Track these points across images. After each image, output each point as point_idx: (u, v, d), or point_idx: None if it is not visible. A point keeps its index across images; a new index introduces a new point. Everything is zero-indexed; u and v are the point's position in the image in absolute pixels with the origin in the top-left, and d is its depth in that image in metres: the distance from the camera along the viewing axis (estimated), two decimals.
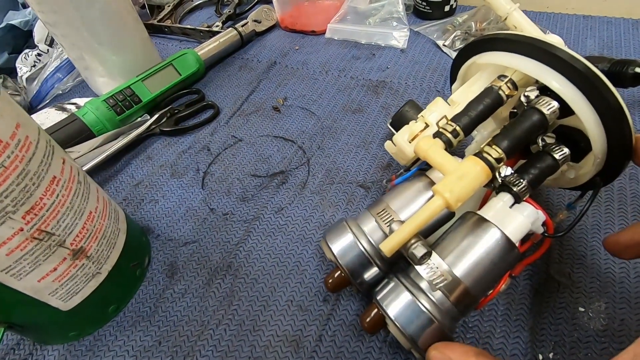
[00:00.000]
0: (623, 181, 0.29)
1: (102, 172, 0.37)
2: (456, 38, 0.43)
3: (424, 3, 0.48)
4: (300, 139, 0.37)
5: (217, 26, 0.53)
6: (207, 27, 0.53)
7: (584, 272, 0.25)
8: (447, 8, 0.48)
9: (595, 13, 0.45)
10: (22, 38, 0.50)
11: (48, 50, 0.48)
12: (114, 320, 0.26)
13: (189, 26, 0.54)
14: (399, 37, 0.45)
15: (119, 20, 0.41)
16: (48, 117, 0.40)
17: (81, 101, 0.42)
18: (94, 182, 0.25)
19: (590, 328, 0.22)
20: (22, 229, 0.19)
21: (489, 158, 0.19)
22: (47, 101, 0.47)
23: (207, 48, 0.46)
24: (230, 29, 0.49)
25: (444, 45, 0.44)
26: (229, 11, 0.55)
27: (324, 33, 0.50)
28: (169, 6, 0.59)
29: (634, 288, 0.23)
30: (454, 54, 0.42)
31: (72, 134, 0.36)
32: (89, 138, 0.37)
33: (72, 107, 0.42)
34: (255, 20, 0.52)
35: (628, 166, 0.30)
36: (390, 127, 0.31)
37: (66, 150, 0.36)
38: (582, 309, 0.23)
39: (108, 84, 0.43)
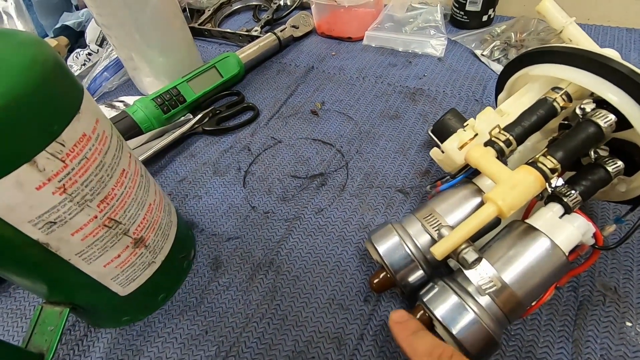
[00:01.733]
0: None
1: (148, 167, 0.38)
2: (495, 48, 0.43)
3: (462, 12, 0.48)
4: (339, 143, 0.38)
5: (255, 30, 0.55)
6: (246, 31, 0.54)
7: (630, 286, 0.24)
8: (484, 18, 0.48)
9: (638, 26, 0.45)
10: (74, 38, 0.53)
11: (98, 50, 0.51)
12: (163, 309, 0.28)
13: (228, 30, 0.55)
14: (436, 46, 0.46)
15: (167, 23, 0.43)
16: None
17: (128, 99, 0.44)
18: (152, 176, 0.27)
19: (638, 343, 0.22)
20: (96, 217, 0.20)
21: (544, 168, 0.20)
22: (95, 98, 0.49)
23: (248, 52, 0.48)
24: (269, 33, 0.51)
25: (482, 54, 0.44)
26: (267, 16, 0.57)
27: (360, 40, 0.51)
28: (209, 10, 0.61)
29: None
30: (492, 64, 0.43)
31: (122, 130, 0.38)
32: (137, 135, 0.39)
33: (121, 105, 0.44)
34: (293, 26, 0.53)
35: None
36: (431, 134, 0.32)
37: None
38: (630, 324, 0.23)
39: (153, 84, 0.45)
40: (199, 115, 0.42)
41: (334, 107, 0.42)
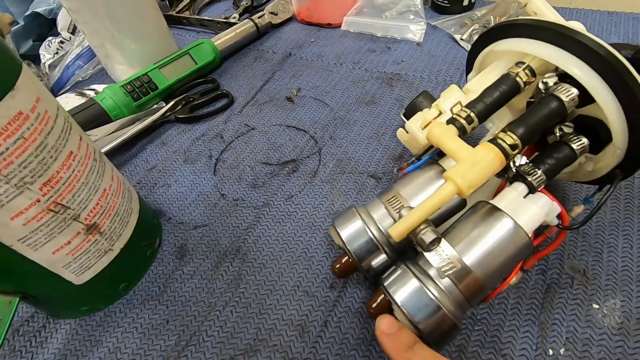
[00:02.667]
0: None
1: (118, 156, 0.37)
2: (474, 32, 0.42)
3: None
4: (313, 129, 0.37)
5: (234, 18, 0.53)
6: (224, 19, 0.53)
7: (599, 268, 0.24)
8: (465, 2, 0.47)
9: (621, 9, 0.44)
10: (46, 26, 0.52)
11: (70, 38, 0.49)
12: (125, 298, 0.27)
13: (206, 17, 0.54)
14: (415, 31, 0.45)
15: (140, 9, 0.41)
16: (68, 101, 0.41)
17: (99, 87, 0.43)
18: (109, 161, 0.26)
19: (605, 325, 0.22)
20: (38, 200, 0.19)
21: (504, 144, 0.19)
22: (68, 87, 0.48)
23: (224, 38, 0.47)
24: (246, 20, 0.50)
25: (461, 39, 0.43)
26: (246, 3, 0.55)
27: (340, 26, 0.50)
28: None
29: None
30: None
31: (90, 117, 0.37)
32: (106, 122, 0.38)
33: (91, 93, 0.43)
34: (272, 13, 0.52)
35: None
36: (403, 117, 0.31)
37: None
38: (597, 306, 0.22)
39: (126, 72, 0.44)
40: (171, 103, 0.40)
41: (310, 93, 0.41)
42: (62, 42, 0.49)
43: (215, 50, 0.45)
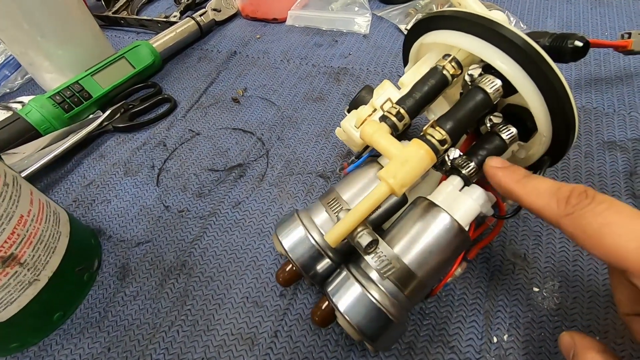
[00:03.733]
0: (579, 160, 0.29)
1: (51, 172, 0.35)
2: None
3: None
4: (260, 130, 0.36)
5: (175, 16, 0.51)
6: (164, 18, 0.50)
7: (539, 252, 0.25)
8: None
9: None
10: None
11: None
12: (61, 329, 0.25)
13: (145, 17, 0.51)
14: (361, 23, 0.44)
15: (63, 10, 0.38)
16: None
17: (27, 99, 0.40)
18: (27, 183, 0.23)
19: (544, 307, 0.22)
20: None
21: (432, 140, 0.19)
22: None
23: (163, 39, 0.44)
24: (187, 18, 0.47)
25: (405, 29, 0.43)
26: (187, 0, 0.53)
27: (286, 21, 0.48)
28: None
29: (586, 266, 0.24)
30: None
31: (14, 134, 0.34)
32: (35, 138, 0.35)
33: (18, 106, 0.39)
34: (214, 9, 0.50)
35: (585, 144, 0.30)
36: (347, 113, 0.31)
37: (9, 151, 0.34)
38: (537, 289, 0.23)
39: (57, 80, 0.40)
40: (108, 112, 0.38)
41: (257, 92, 0.39)
42: None
43: (154, 52, 0.43)
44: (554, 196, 0.15)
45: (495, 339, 0.21)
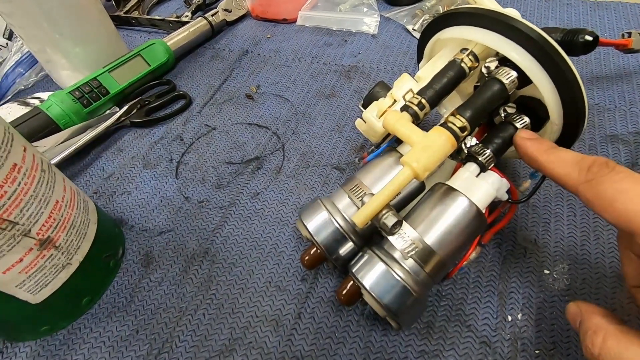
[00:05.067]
0: (583, 152, 0.30)
1: (71, 166, 0.35)
2: (425, 22, 0.44)
3: None
4: (275, 125, 0.37)
5: (186, 16, 0.52)
6: (176, 18, 0.52)
7: (549, 237, 0.26)
8: None
9: None
10: None
11: (7, 43, 0.46)
12: (89, 313, 0.26)
13: (157, 17, 0.52)
14: (369, 23, 0.46)
15: (80, 9, 0.39)
16: (10, 112, 0.38)
17: (45, 95, 0.41)
18: (59, 171, 0.24)
19: (555, 288, 0.23)
20: None
21: (453, 127, 0.20)
22: (9, 97, 0.45)
23: (177, 38, 0.46)
24: (200, 18, 0.48)
25: (413, 29, 0.44)
26: (198, 1, 0.54)
27: (296, 21, 0.50)
28: None
29: (594, 249, 0.25)
30: None
31: (36, 127, 0.35)
32: (55, 132, 0.36)
33: (36, 102, 0.40)
34: (225, 10, 0.51)
35: (589, 137, 0.31)
36: (362, 108, 0.32)
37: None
38: (547, 272, 0.24)
39: (72, 77, 0.41)
40: (125, 108, 0.39)
41: (270, 89, 0.41)
42: None
43: (169, 50, 0.44)
44: (576, 165, 0.16)
45: (509, 318, 0.23)
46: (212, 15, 0.49)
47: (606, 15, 0.43)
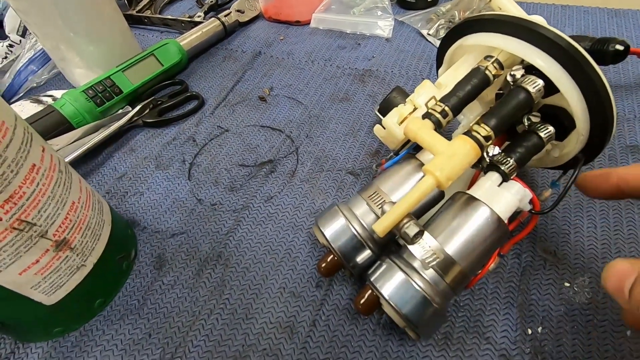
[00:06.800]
0: (602, 162, 0.30)
1: (83, 165, 0.35)
2: (440, 27, 0.44)
3: None
4: (288, 128, 0.36)
5: (199, 16, 0.52)
6: (188, 18, 0.51)
7: (568, 249, 0.25)
8: None
9: (573, 3, 0.47)
10: None
11: (20, 41, 0.46)
12: (101, 315, 0.25)
13: (170, 17, 0.52)
14: (383, 27, 0.46)
15: (95, 8, 0.39)
16: (23, 109, 0.38)
17: (58, 93, 0.41)
18: (75, 172, 0.24)
19: (576, 302, 0.23)
20: (0, 219, 0.18)
21: (478, 136, 0.19)
22: (21, 94, 0.45)
23: (189, 38, 0.45)
24: (213, 19, 0.48)
25: (428, 34, 0.44)
26: (211, 1, 0.54)
27: (309, 23, 0.49)
28: None
29: None
30: (438, 43, 0.43)
31: (49, 126, 0.35)
32: (67, 130, 0.36)
33: (49, 100, 0.40)
34: (238, 11, 0.51)
35: (608, 148, 0.31)
36: (378, 113, 0.32)
37: None
38: (568, 284, 0.24)
39: (86, 76, 0.41)
40: (138, 107, 0.39)
41: (283, 92, 0.40)
42: (11, 45, 0.46)
43: (182, 50, 0.44)
44: None
45: (529, 331, 0.22)
46: (225, 16, 0.49)
47: (624, 23, 0.43)
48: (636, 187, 0.16)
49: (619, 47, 0.22)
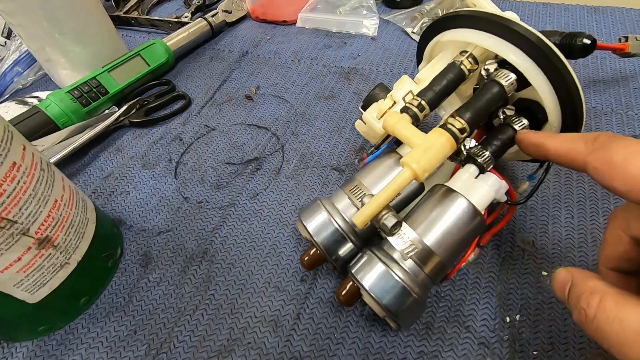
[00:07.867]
0: None
1: (69, 165, 0.35)
2: (424, 25, 0.44)
3: None
4: (274, 126, 0.37)
5: (186, 17, 0.52)
6: (175, 18, 0.52)
7: (546, 239, 0.26)
8: None
9: (554, 1, 0.48)
10: None
11: (5, 42, 0.46)
12: (87, 313, 0.25)
13: (157, 17, 0.52)
14: (369, 25, 0.46)
15: (81, 9, 0.39)
16: (8, 111, 0.38)
17: (43, 94, 0.41)
18: (58, 170, 0.24)
19: (553, 290, 0.24)
20: None
21: (453, 129, 0.20)
22: (7, 96, 0.44)
23: (176, 38, 0.46)
24: (199, 19, 0.48)
25: (412, 32, 0.45)
26: (198, 2, 0.54)
27: (295, 23, 0.50)
28: None
29: (591, 251, 0.25)
30: None
31: (34, 126, 0.35)
32: (53, 131, 0.36)
33: (34, 101, 0.40)
34: (225, 11, 0.51)
35: None
36: (361, 110, 0.32)
37: None
38: (545, 273, 0.24)
39: (72, 77, 0.41)
40: (124, 107, 0.39)
41: (269, 91, 0.41)
42: None
43: (168, 50, 0.44)
44: (581, 138, 0.16)
45: (508, 319, 0.23)
46: (212, 16, 0.49)
47: (603, 20, 0.44)
48: (565, 163, 0.17)
49: (586, 41, 0.23)
